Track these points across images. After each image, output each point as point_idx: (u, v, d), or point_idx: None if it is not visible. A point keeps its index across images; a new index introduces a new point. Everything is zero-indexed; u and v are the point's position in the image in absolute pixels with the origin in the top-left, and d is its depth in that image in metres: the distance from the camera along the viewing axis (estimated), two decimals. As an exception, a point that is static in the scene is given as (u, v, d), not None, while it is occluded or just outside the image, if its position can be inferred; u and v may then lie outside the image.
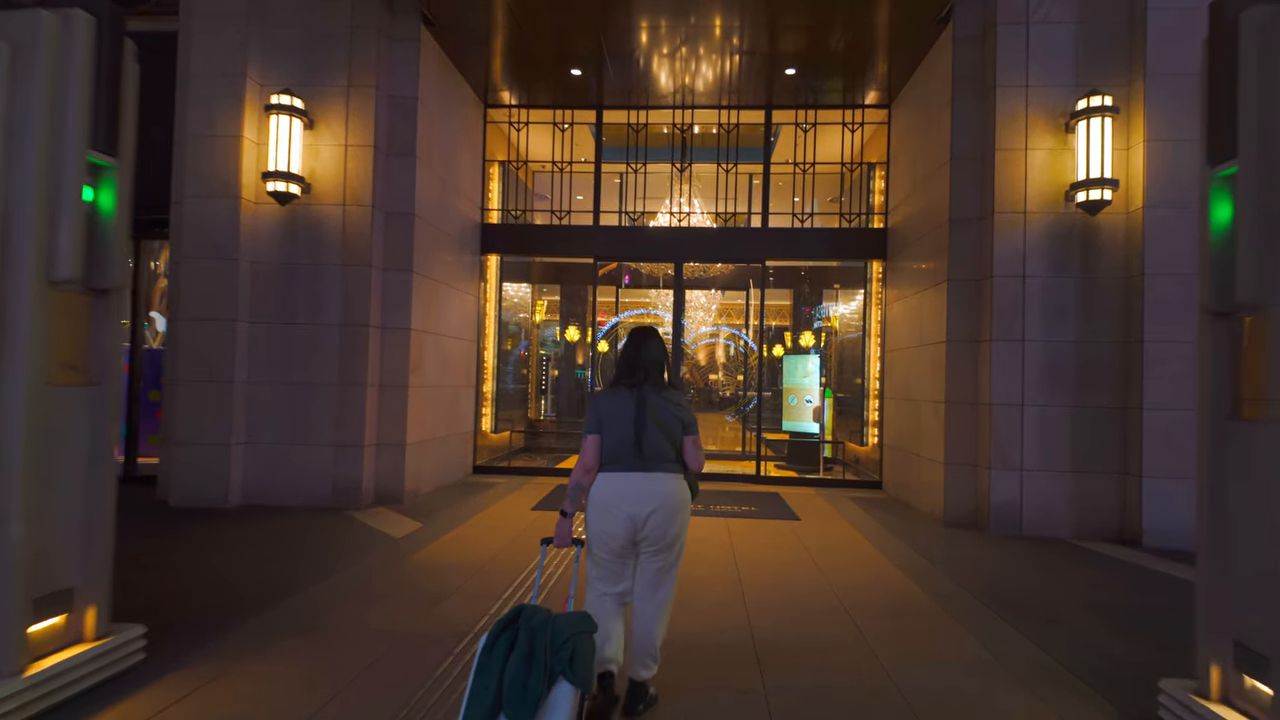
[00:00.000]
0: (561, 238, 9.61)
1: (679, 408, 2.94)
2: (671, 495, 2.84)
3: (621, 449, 2.85)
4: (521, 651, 2.23)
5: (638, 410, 2.86)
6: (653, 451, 2.84)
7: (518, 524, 6.49)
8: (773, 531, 6.47)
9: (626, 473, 2.83)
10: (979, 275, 6.98)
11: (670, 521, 2.84)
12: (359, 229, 7.14)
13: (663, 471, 2.86)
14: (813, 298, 18.81)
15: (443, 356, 8.32)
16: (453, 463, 8.77)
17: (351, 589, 4.49)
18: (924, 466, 7.58)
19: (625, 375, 2.96)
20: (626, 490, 2.82)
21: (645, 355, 2.96)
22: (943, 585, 4.90)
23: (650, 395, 2.90)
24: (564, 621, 2.34)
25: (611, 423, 2.87)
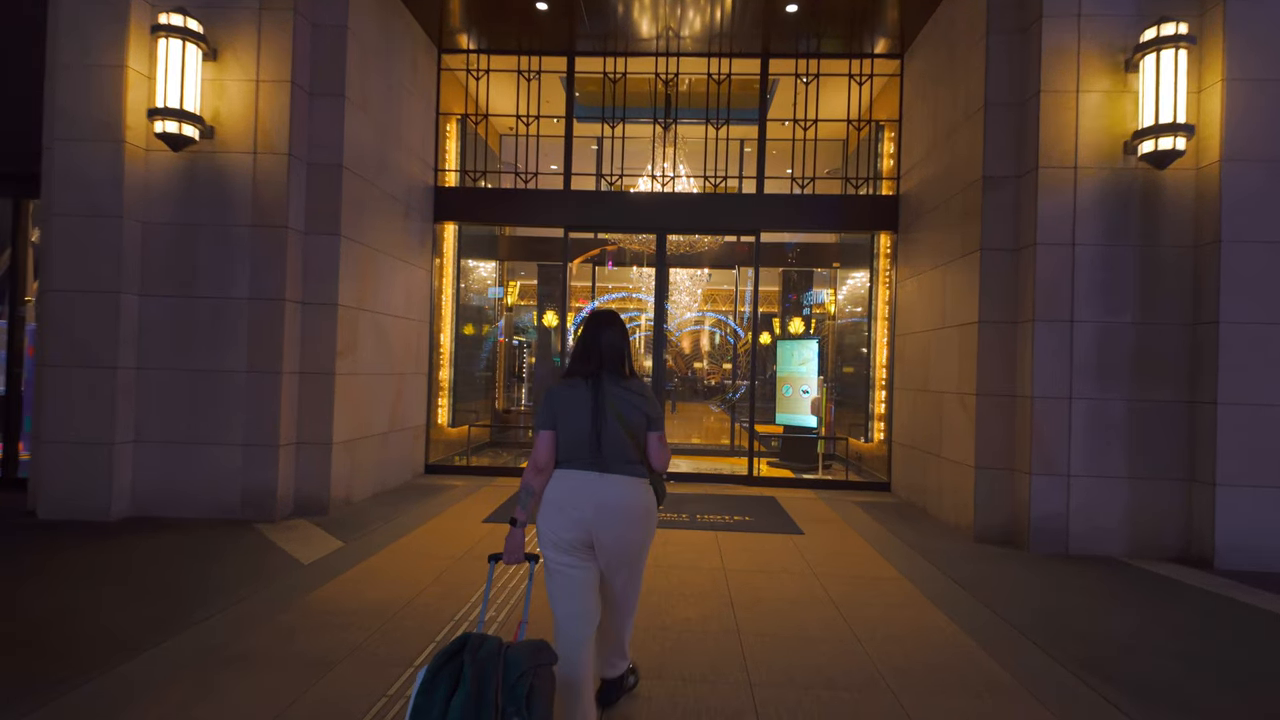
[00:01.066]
0: (528, 204, 8.38)
1: (643, 399, 2.61)
2: (633, 503, 2.52)
3: (578, 446, 2.53)
4: (467, 690, 1.92)
5: (595, 402, 2.54)
6: (613, 450, 2.52)
7: (462, 541, 5.31)
8: (773, 551, 5.34)
9: (583, 472, 2.51)
10: (1018, 244, 5.87)
11: (630, 533, 2.52)
12: (273, 182, 5.89)
13: (624, 474, 2.53)
14: (805, 281, 17.73)
15: (384, 339, 7.09)
16: (398, 463, 7.57)
17: (205, 650, 3.30)
18: (946, 469, 6.49)
19: (581, 364, 2.62)
20: (582, 491, 2.49)
21: (604, 342, 2.63)
22: (999, 634, 3.79)
23: (610, 386, 2.57)
24: (518, 652, 2.03)
25: (568, 417, 2.55)
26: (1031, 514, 5.57)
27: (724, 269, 11.56)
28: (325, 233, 6.13)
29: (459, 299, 9.08)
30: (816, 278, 17.57)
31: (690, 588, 4.38)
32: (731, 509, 6.81)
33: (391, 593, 4.11)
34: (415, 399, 8.01)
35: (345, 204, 6.21)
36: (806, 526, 6.18)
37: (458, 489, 7.50)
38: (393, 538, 5.38)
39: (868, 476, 8.69)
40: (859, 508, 7.14)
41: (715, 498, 7.37)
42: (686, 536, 5.66)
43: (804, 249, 12.20)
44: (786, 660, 3.36)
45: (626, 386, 2.61)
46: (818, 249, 11.91)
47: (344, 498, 6.36)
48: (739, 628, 3.73)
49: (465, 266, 9.72)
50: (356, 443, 6.55)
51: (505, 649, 2.05)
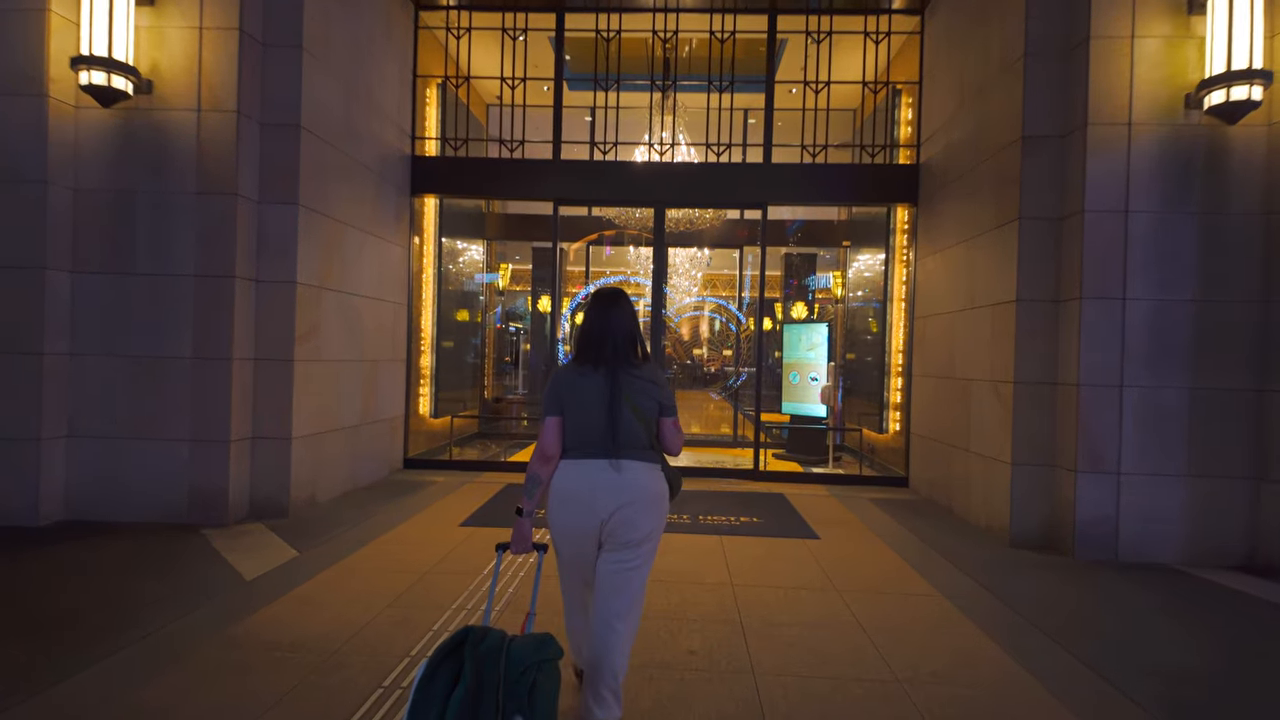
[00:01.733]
0: (513, 175, 7.69)
1: (656, 386, 2.48)
2: (646, 488, 2.40)
3: (589, 435, 2.39)
4: (467, 686, 1.81)
5: (611, 393, 2.39)
6: (626, 438, 2.39)
7: (432, 550, 4.68)
8: (786, 560, 4.71)
9: (595, 460, 2.37)
10: (1062, 212, 5.20)
11: (642, 516, 2.38)
12: (220, 144, 5.20)
13: (637, 460, 2.40)
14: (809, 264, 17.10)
15: (353, 322, 6.43)
16: (372, 458, 6.93)
17: (101, 699, 2.66)
18: (975, 465, 5.85)
19: (591, 349, 2.46)
20: (594, 480, 2.36)
21: (615, 324, 2.46)
22: (1062, 669, 3.16)
23: (622, 373, 2.43)
24: (521, 647, 1.92)
25: (577, 405, 2.41)
26: (1076, 516, 4.95)
27: (726, 249, 10.89)
28: (281, 202, 5.45)
29: (441, 280, 8.41)
30: (823, 259, 16.91)
31: (694, 609, 3.75)
32: (737, 508, 6.18)
33: (339, 618, 3.47)
34: (392, 388, 7.36)
35: (304, 169, 5.53)
36: (821, 529, 5.55)
37: (438, 486, 6.86)
38: (355, 546, 4.75)
39: (882, 470, 8.07)
40: (876, 506, 6.51)
41: (719, 495, 6.74)
42: (689, 542, 5.03)
43: (809, 228, 11.53)
44: (815, 712, 2.73)
45: (639, 373, 2.45)
46: (825, 228, 11.24)
47: (307, 498, 5.72)
48: (753, 664, 3.09)
49: (452, 248, 9.04)
50: (322, 437, 5.90)
51: (509, 643, 1.93)
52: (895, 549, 5.04)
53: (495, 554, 2.50)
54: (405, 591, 3.89)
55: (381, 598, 3.78)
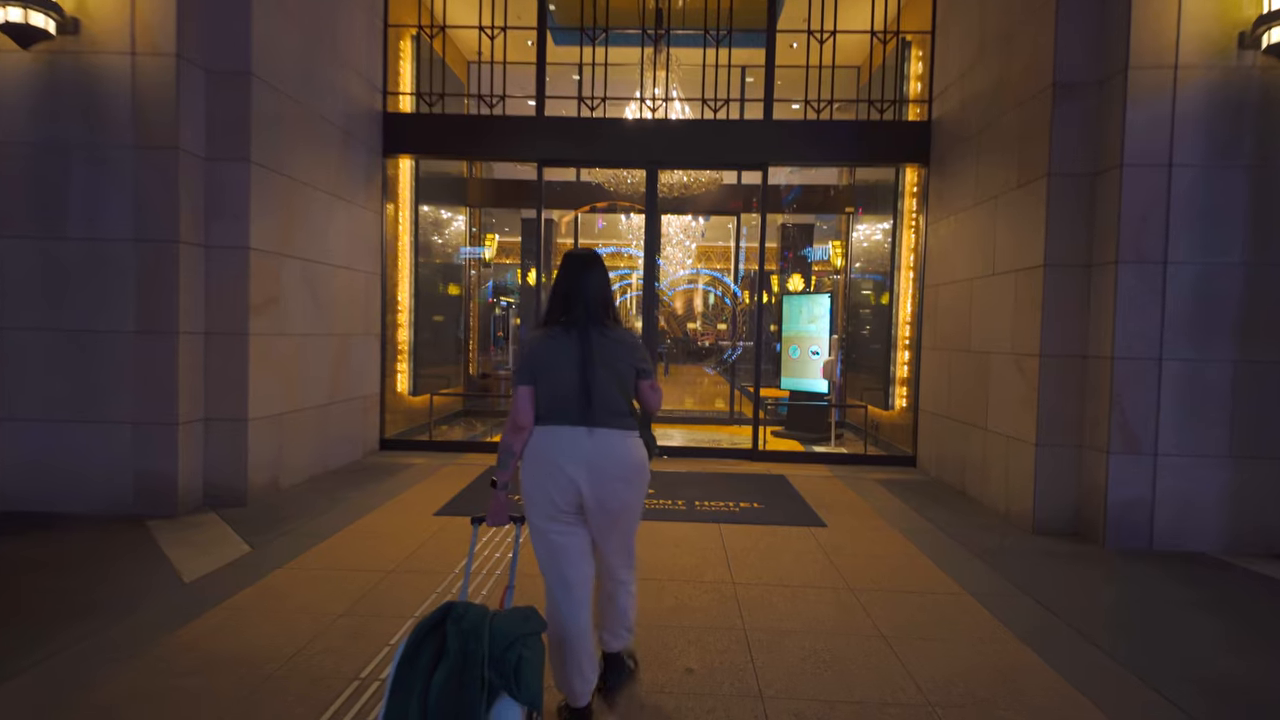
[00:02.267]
0: (494, 134, 7.12)
1: (630, 348, 2.36)
2: (625, 456, 2.30)
3: (563, 402, 2.28)
4: (452, 663, 1.74)
5: (583, 355, 2.28)
6: (602, 404, 2.28)
7: (401, 544, 4.22)
8: (792, 552, 4.27)
9: (569, 428, 2.27)
10: (1098, 167, 4.71)
11: (623, 488, 2.31)
12: (159, 92, 4.64)
13: (614, 428, 2.30)
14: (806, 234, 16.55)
15: (319, 293, 5.90)
16: (343, 439, 6.44)
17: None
18: (994, 445, 5.41)
19: (562, 311, 2.35)
20: (570, 449, 2.26)
21: (587, 286, 2.35)
22: (1121, 690, 2.74)
23: (596, 336, 2.31)
24: (505, 621, 1.87)
25: (550, 371, 2.29)
26: (1108, 501, 4.52)
27: (722, 217, 10.36)
28: (231, 158, 4.90)
29: (418, 250, 7.86)
30: (820, 230, 16.36)
31: (691, 615, 3.31)
32: (736, 492, 5.74)
33: (282, 631, 3.02)
34: (365, 364, 6.85)
35: (257, 122, 4.97)
36: (827, 515, 5.12)
37: (415, 469, 6.40)
38: (316, 539, 4.29)
39: (888, 449, 7.64)
40: (883, 488, 6.09)
41: (716, 477, 6.30)
42: (684, 532, 4.59)
43: (807, 195, 10.94)
44: (836, 746, 2.30)
45: (612, 335, 2.35)
46: (823, 196, 10.68)
47: (268, 484, 5.24)
48: (761, 688, 2.65)
49: (435, 218, 8.47)
50: (284, 418, 5.41)
51: (490, 618, 1.88)
52: (910, 538, 4.61)
53: (469, 541, 2.41)
54: (364, 595, 3.43)
55: (336, 603, 3.32)
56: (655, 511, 5.05)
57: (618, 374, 2.33)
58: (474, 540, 2.35)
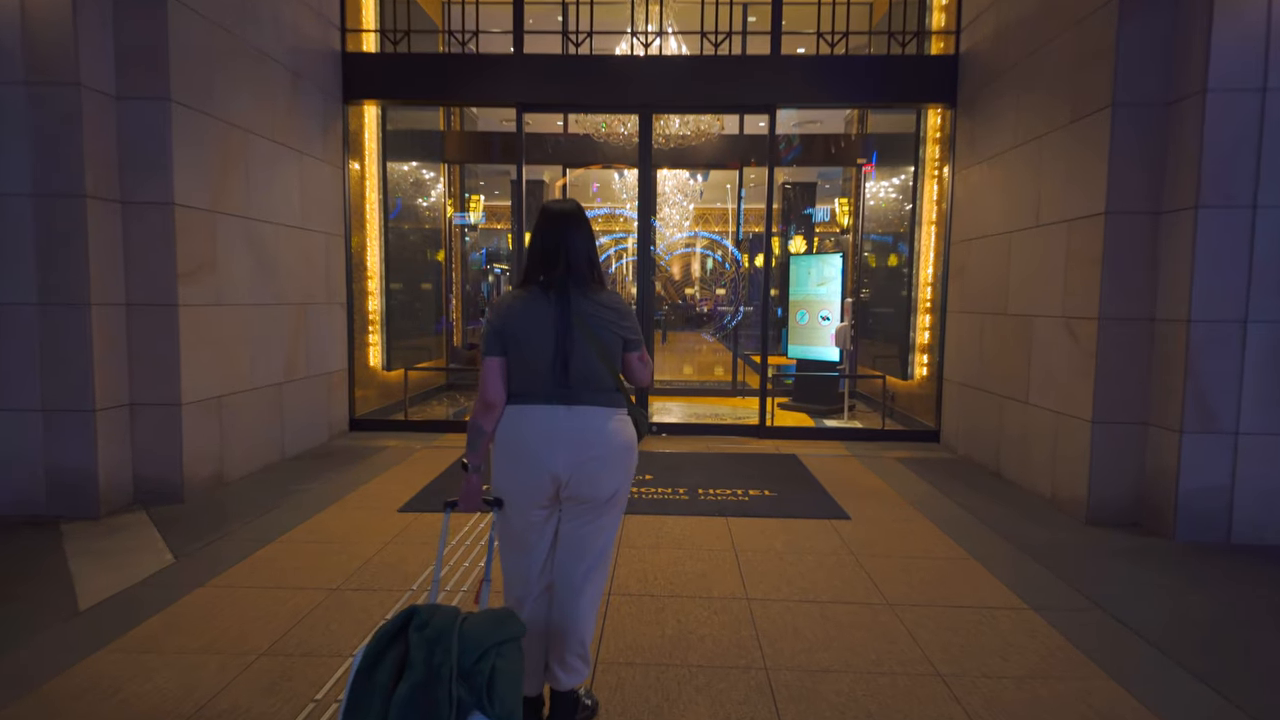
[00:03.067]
0: (467, 74, 6.32)
1: (617, 314, 2.05)
2: (609, 437, 2.00)
3: (538, 376, 1.98)
4: (416, 678, 1.47)
5: (561, 321, 1.97)
6: (583, 378, 1.99)
7: (354, 552, 3.58)
8: (815, 555, 3.64)
9: (545, 406, 1.98)
10: (1173, 94, 3.98)
11: (605, 472, 1.99)
12: (52, 14, 3.87)
13: (596, 405, 1.99)
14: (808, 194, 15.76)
15: (266, 257, 5.18)
16: (304, 421, 5.77)
17: None
18: (1038, 421, 4.77)
19: (539, 271, 2.05)
20: (545, 430, 1.96)
21: (568, 243, 2.04)
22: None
23: (578, 300, 2.01)
24: (476, 627, 1.59)
25: (523, 340, 1.98)
26: (1179, 487, 3.89)
27: (724, 171, 9.60)
28: (146, 96, 4.15)
29: (387, 209, 7.10)
30: (823, 189, 15.55)
31: (697, 648, 2.67)
32: (744, 476, 5.11)
33: (177, 685, 2.37)
34: (328, 337, 6.15)
35: (177, 54, 4.20)
36: (849, 504, 4.49)
37: (387, 452, 5.75)
38: (257, 544, 3.64)
39: (907, 422, 7.01)
40: (906, 468, 5.46)
41: (721, 458, 5.66)
42: (688, 529, 3.95)
43: (814, 147, 10.12)
44: None
45: (597, 299, 2.04)
46: (831, 147, 9.86)
47: (211, 476, 4.59)
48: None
49: (410, 175, 7.69)
50: (228, 400, 4.74)
51: (460, 622, 1.58)
52: (947, 531, 3.98)
53: (438, 535, 2.13)
54: (297, 624, 2.79)
55: (258, 636, 2.68)
56: (654, 502, 4.41)
57: (602, 343, 2.01)
58: (445, 529, 2.00)
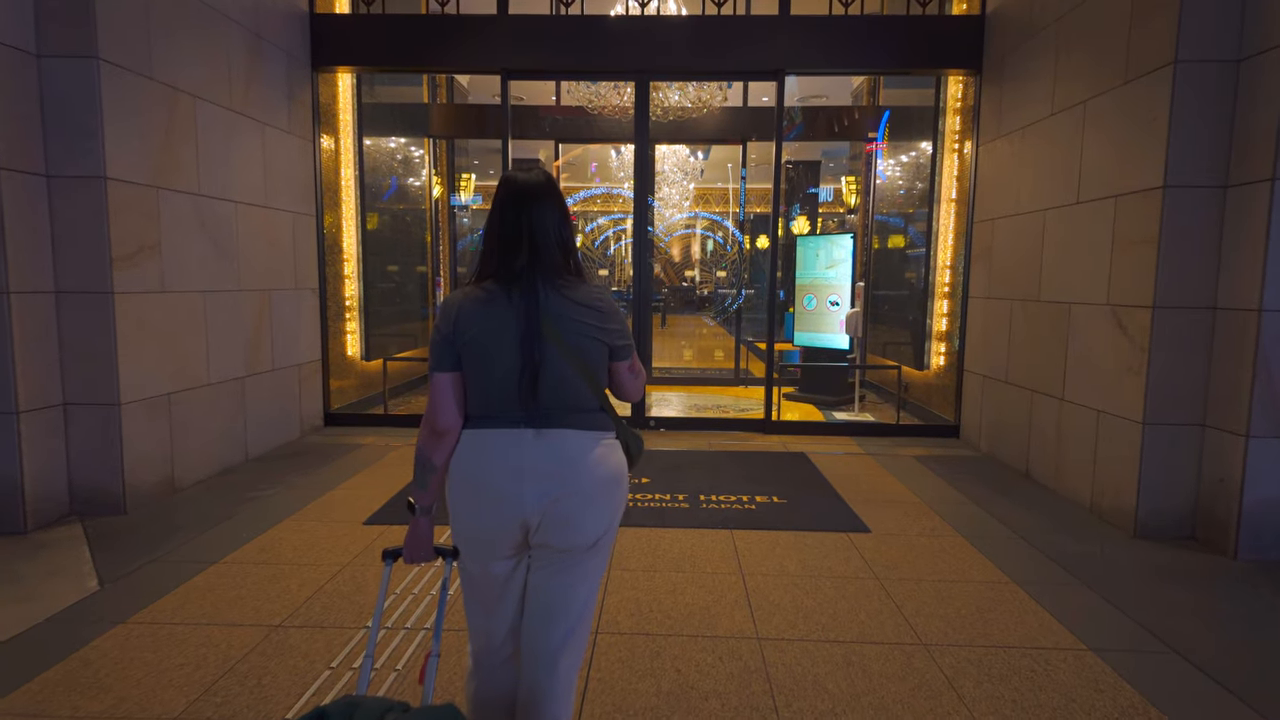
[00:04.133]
0: (447, 37, 5.78)
1: (598, 314, 1.59)
2: (590, 469, 1.54)
3: (500, 394, 1.53)
4: None
5: (528, 325, 1.51)
6: (557, 396, 1.54)
7: (313, 572, 3.13)
8: (834, 580, 3.19)
9: (509, 430, 1.52)
10: (1247, 49, 3.47)
11: (585, 512, 1.54)
12: (-47, -43, 3.36)
13: (575, 428, 1.55)
14: (805, 177, 15.28)
15: (222, 238, 4.69)
16: (272, 418, 5.31)
17: None
18: (1075, 419, 4.30)
19: (497, 261, 1.57)
20: (511, 461, 1.51)
21: (534, 223, 1.56)
22: None
23: (549, 297, 1.54)
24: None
25: (479, 349, 1.53)
26: (1244, 498, 3.44)
27: (729, 144, 9.06)
28: (72, 54, 3.64)
29: (364, 188, 6.59)
30: (827, 167, 15.00)
31: (701, 705, 2.22)
32: (750, 479, 4.65)
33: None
34: (298, 325, 5.67)
35: (106, 6, 3.68)
36: (868, 513, 4.04)
37: (363, 451, 5.30)
38: (198, 566, 3.20)
39: (921, 415, 6.55)
40: (926, 469, 5.01)
41: (724, 458, 5.21)
42: (688, 545, 3.50)
43: (819, 119, 9.56)
44: None
45: (573, 297, 1.56)
46: (839, 122, 9.31)
47: (160, 483, 4.14)
48: None
49: (392, 152, 7.17)
50: (178, 398, 4.27)
51: None
52: (981, 548, 3.54)
53: (384, 567, 1.81)
54: (226, 674, 2.34)
55: (175, 694, 2.24)
56: (651, 511, 3.96)
57: (578, 350, 1.56)
58: (384, 584, 1.68)
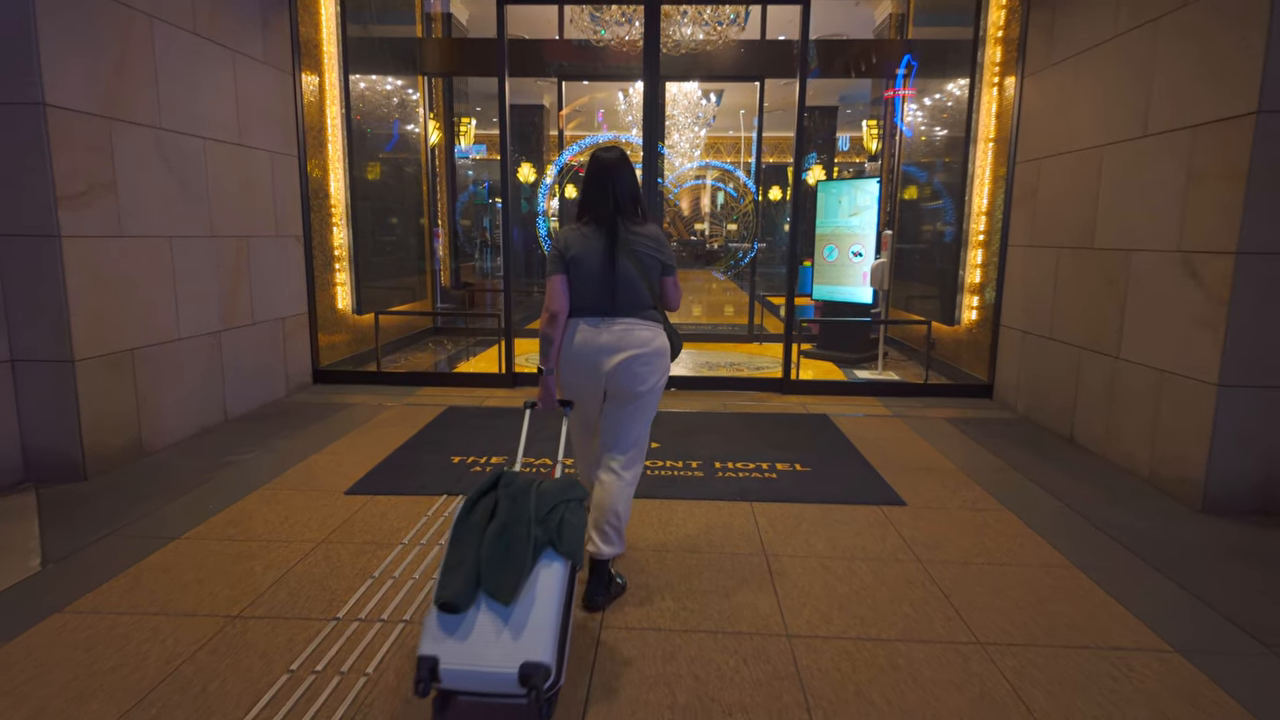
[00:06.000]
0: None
1: (657, 244, 2.45)
2: (647, 341, 2.40)
3: (591, 295, 2.40)
4: (503, 520, 1.87)
5: (609, 248, 2.37)
6: (628, 298, 2.40)
7: (284, 550, 2.79)
8: (870, 562, 2.82)
9: (596, 319, 2.40)
10: (1369, -57, 2.94)
11: (644, 369, 2.39)
12: None
13: (637, 318, 2.42)
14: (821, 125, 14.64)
15: (191, 177, 4.26)
16: (255, 374, 4.95)
17: None
18: (1131, 379, 3.88)
19: (593, 206, 2.43)
20: (597, 338, 2.39)
21: (616, 182, 2.41)
22: None
23: (624, 231, 2.40)
24: (549, 488, 1.99)
25: (580, 263, 2.38)
26: (1334, 471, 3.03)
27: (744, 80, 8.48)
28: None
29: (351, 127, 6.10)
30: (847, 111, 14.30)
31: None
32: (769, 443, 4.28)
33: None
34: (281, 275, 5.27)
35: (35, -99, 3.20)
36: (901, 481, 3.66)
37: (352, 410, 4.95)
38: (153, 544, 2.86)
39: (951, 374, 6.14)
40: (961, 431, 4.63)
41: (740, 420, 4.83)
42: (702, 520, 3.14)
43: (841, 54, 8.92)
44: None
45: (640, 231, 2.42)
46: (870, 54, 8.65)
47: (126, 445, 3.79)
48: None
49: (400, 95, 6.64)
50: (145, 354, 3.90)
51: (536, 483, 1.99)
52: (1033, 524, 3.16)
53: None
54: (167, 679, 2.00)
55: (105, 706, 1.90)
56: (662, 480, 3.60)
57: (643, 267, 2.40)
58: (526, 420, 2.44)
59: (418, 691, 1.60)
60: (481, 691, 1.66)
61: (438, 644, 1.65)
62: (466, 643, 1.66)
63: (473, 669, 1.63)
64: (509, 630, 1.69)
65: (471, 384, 5.80)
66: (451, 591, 1.71)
